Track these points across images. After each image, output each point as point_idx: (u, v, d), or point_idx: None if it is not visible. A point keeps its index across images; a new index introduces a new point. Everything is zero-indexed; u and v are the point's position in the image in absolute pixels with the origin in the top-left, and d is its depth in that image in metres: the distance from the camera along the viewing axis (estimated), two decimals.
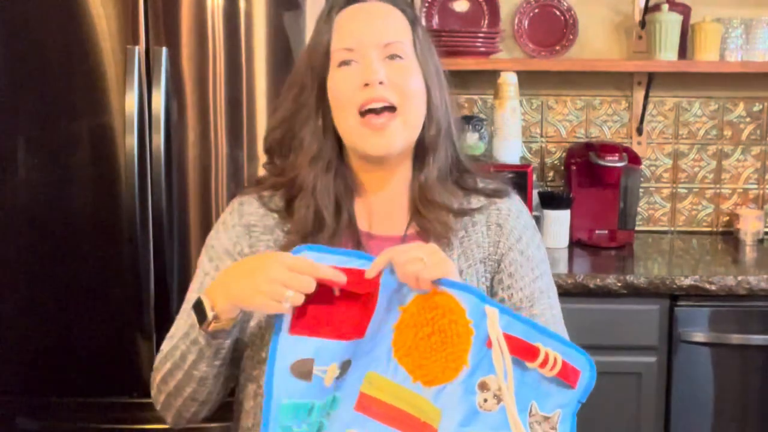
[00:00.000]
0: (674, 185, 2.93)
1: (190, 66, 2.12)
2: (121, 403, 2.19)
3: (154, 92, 2.10)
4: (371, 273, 1.15)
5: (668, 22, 2.66)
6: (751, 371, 2.30)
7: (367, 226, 1.35)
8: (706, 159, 2.91)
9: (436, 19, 2.81)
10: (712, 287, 2.25)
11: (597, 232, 2.70)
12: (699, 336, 2.26)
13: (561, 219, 2.62)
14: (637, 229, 2.78)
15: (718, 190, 2.93)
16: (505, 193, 1.39)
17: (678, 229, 2.94)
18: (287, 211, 1.33)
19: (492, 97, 2.71)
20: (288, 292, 1.12)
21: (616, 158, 2.61)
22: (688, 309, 2.27)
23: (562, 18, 2.82)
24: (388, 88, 1.27)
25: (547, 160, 2.92)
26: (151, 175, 2.13)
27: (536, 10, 2.83)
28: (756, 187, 2.92)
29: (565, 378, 1.13)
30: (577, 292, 2.25)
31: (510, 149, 2.60)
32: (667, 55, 2.68)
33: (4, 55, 2.12)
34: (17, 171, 2.14)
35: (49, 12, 2.10)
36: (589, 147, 2.68)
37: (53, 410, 2.19)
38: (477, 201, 1.37)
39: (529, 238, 1.37)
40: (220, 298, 1.18)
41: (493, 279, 1.34)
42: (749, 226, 2.77)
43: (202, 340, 1.21)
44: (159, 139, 2.10)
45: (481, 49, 2.68)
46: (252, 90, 2.14)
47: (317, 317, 1.15)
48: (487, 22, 2.81)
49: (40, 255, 2.16)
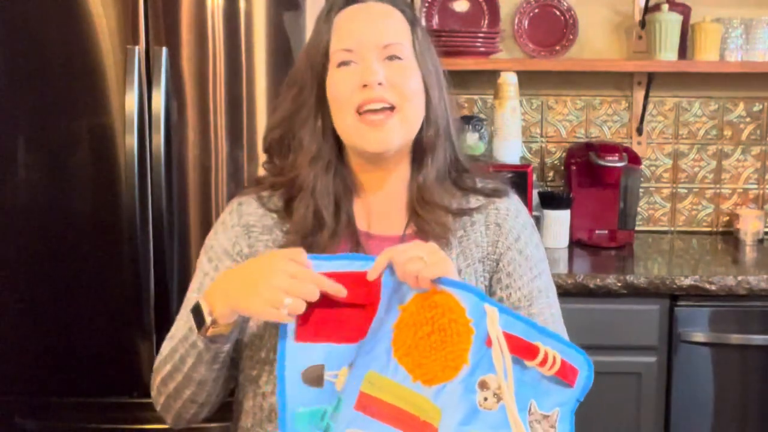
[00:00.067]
0: (674, 185, 2.93)
1: (190, 66, 2.12)
2: (121, 403, 2.19)
3: (154, 92, 2.10)
4: (373, 275, 1.15)
5: (668, 22, 2.66)
6: (751, 371, 2.30)
7: (366, 226, 1.35)
8: (706, 159, 2.91)
9: (436, 19, 2.81)
10: (712, 287, 2.24)
11: (597, 232, 2.69)
12: (699, 336, 2.26)
13: (561, 219, 2.62)
14: (637, 229, 2.78)
15: (718, 190, 2.93)
16: (504, 192, 1.39)
17: (678, 229, 2.94)
18: (286, 211, 1.33)
19: (492, 97, 2.71)
20: (286, 299, 1.11)
21: (616, 158, 2.61)
22: (688, 309, 2.27)
23: (562, 18, 2.82)
24: (387, 89, 1.27)
25: (547, 160, 2.92)
26: (151, 175, 2.13)
27: (536, 10, 2.83)
28: (756, 187, 2.92)
29: (564, 377, 1.13)
30: (577, 292, 2.25)
31: (510, 149, 2.60)
32: (667, 55, 2.68)
33: (4, 55, 2.12)
34: (17, 171, 2.14)
35: (49, 12, 2.10)
36: (589, 147, 2.68)
37: (53, 410, 2.19)
38: (476, 201, 1.37)
39: (528, 237, 1.37)
40: (219, 303, 1.18)
41: (491, 278, 1.34)
42: (749, 226, 2.77)
43: (201, 345, 1.21)
44: (159, 139, 2.10)
45: (481, 49, 2.68)
46: (252, 90, 2.14)
47: (323, 323, 1.15)
48: (487, 22, 2.81)
49: (40, 255, 2.16)
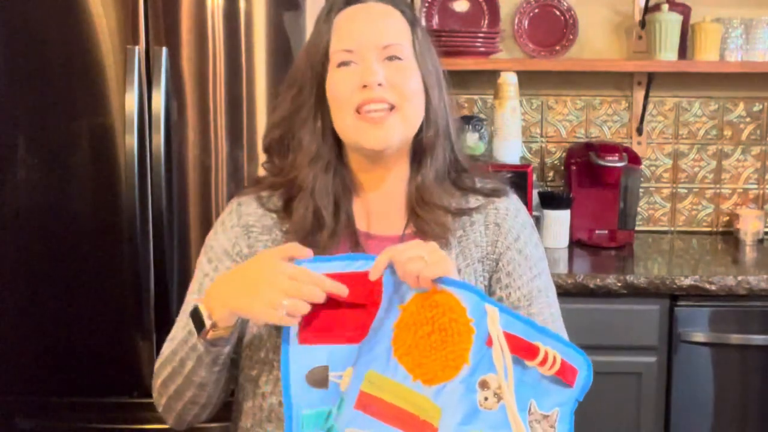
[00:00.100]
0: (674, 185, 2.93)
1: (190, 66, 2.12)
2: (121, 403, 2.19)
3: (154, 92, 2.10)
4: (374, 274, 1.14)
5: (668, 22, 2.66)
6: (751, 371, 2.30)
7: (366, 226, 1.35)
8: (706, 159, 2.91)
9: (436, 19, 2.81)
10: (712, 287, 2.24)
11: (597, 232, 2.69)
12: (699, 336, 2.26)
13: (561, 219, 2.62)
14: (637, 229, 2.78)
15: (718, 190, 2.93)
16: (503, 192, 1.39)
17: (678, 229, 2.93)
18: (285, 211, 1.33)
19: (492, 97, 2.71)
20: (284, 300, 1.11)
21: (616, 158, 2.61)
22: (688, 309, 2.27)
23: (562, 18, 2.82)
24: (386, 89, 1.27)
25: (547, 160, 2.91)
26: (151, 175, 2.13)
27: (536, 10, 2.83)
28: (756, 187, 2.92)
29: (564, 377, 1.13)
30: (577, 292, 2.25)
31: (510, 149, 2.60)
32: (667, 55, 2.68)
33: (4, 55, 2.12)
34: (17, 171, 2.14)
35: (49, 12, 2.10)
36: (589, 147, 2.68)
37: (53, 410, 2.19)
38: (475, 200, 1.37)
39: (527, 237, 1.37)
40: (218, 306, 1.17)
41: (491, 278, 1.34)
42: (749, 226, 2.77)
43: (201, 348, 1.20)
44: (159, 139, 2.10)
45: (481, 49, 2.68)
46: (252, 90, 2.14)
47: (325, 324, 1.15)
48: (487, 22, 2.81)
49: (40, 255, 2.16)
